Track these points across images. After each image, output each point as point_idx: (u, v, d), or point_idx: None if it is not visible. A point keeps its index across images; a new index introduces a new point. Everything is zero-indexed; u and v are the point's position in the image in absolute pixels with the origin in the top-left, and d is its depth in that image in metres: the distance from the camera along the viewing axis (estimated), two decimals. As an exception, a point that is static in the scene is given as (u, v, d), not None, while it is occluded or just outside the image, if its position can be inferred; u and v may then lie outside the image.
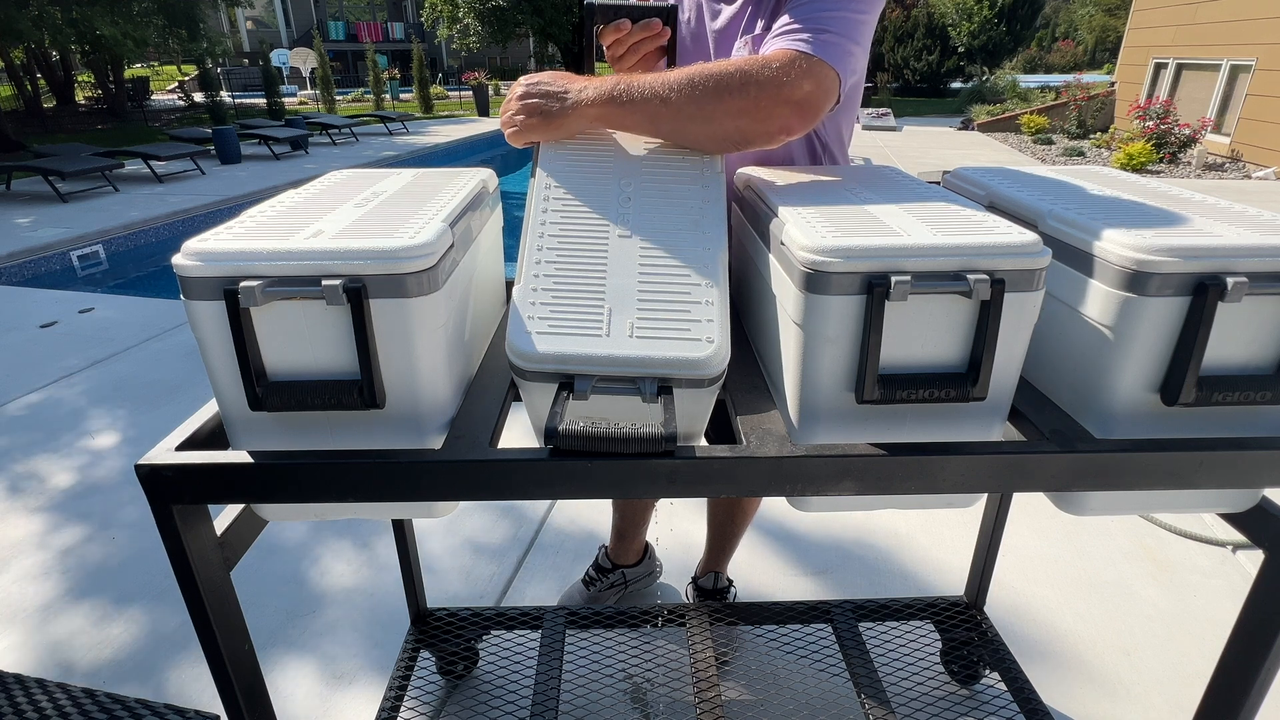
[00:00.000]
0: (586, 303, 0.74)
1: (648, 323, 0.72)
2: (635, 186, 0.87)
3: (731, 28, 1.14)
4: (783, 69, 0.87)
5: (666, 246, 0.79)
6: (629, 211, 0.83)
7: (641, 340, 0.71)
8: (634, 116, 0.89)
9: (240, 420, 0.76)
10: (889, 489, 0.75)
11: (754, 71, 0.87)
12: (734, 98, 0.86)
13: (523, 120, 0.90)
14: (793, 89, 0.87)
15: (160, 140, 11.10)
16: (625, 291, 0.74)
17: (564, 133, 0.92)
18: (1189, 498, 0.85)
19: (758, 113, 0.88)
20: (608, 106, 0.89)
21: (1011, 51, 20.76)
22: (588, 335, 0.71)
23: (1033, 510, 2.22)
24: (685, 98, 0.87)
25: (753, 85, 0.87)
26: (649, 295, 0.74)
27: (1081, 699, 1.59)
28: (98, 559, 2.09)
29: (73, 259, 5.71)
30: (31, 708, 1.00)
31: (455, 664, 1.62)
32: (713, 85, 0.86)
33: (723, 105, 0.87)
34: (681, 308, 0.73)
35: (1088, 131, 11.96)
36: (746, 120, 0.88)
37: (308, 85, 22.43)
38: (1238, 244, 0.70)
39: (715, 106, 0.87)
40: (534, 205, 0.83)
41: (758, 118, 0.88)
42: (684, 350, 0.70)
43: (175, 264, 0.69)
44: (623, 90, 0.88)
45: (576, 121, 0.91)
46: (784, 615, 1.62)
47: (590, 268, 0.77)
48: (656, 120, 0.89)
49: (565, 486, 0.73)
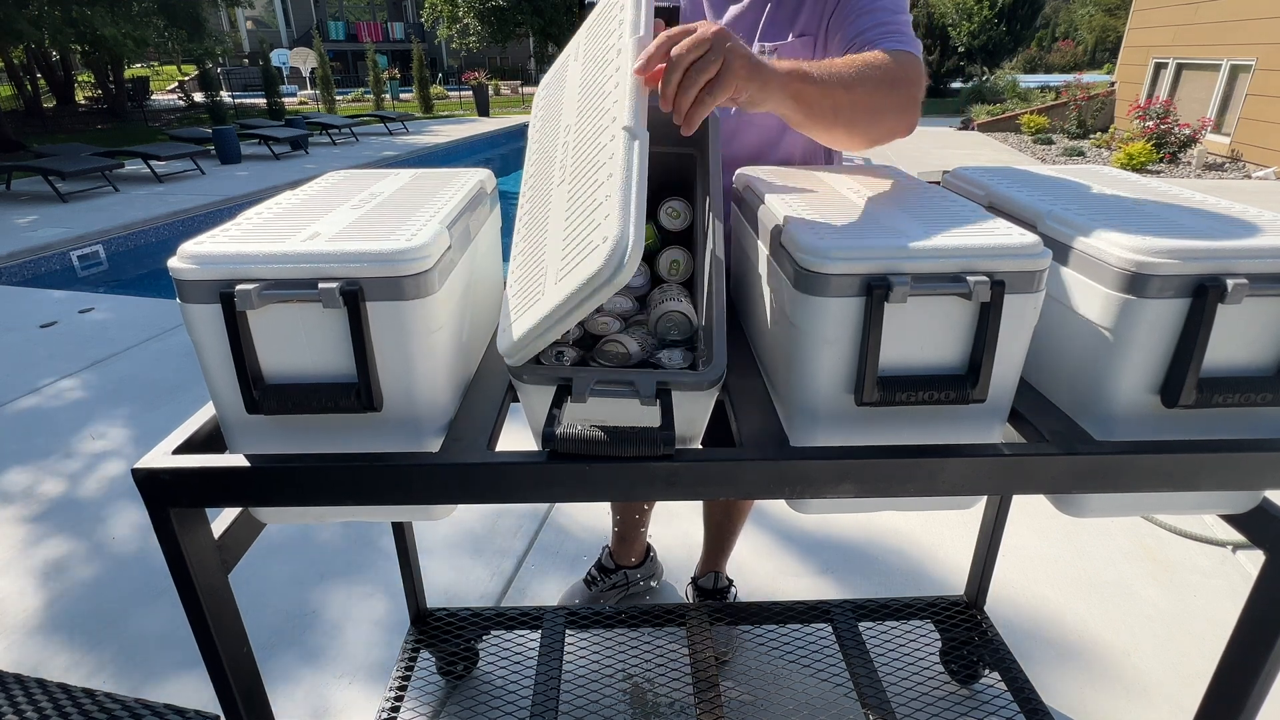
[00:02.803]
0: (534, 275, 0.71)
1: (564, 262, 0.66)
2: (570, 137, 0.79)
3: (739, 28, 1.13)
4: (915, 70, 0.92)
5: (580, 171, 0.72)
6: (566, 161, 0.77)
7: (559, 285, 0.65)
8: (825, 98, 0.81)
9: (237, 423, 0.76)
10: (888, 491, 0.75)
11: (905, 70, 0.90)
12: (898, 93, 0.89)
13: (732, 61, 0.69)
14: (920, 90, 0.92)
15: (160, 140, 11.09)
16: (554, 240, 0.70)
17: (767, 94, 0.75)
18: (1189, 499, 0.85)
19: (907, 109, 0.91)
20: (805, 82, 0.79)
21: (1011, 51, 20.73)
22: (532, 308, 0.68)
23: (1033, 510, 2.22)
24: (862, 87, 0.85)
25: (905, 83, 0.90)
26: (564, 231, 0.69)
27: (1082, 699, 1.59)
28: (98, 559, 2.08)
29: (73, 259, 5.70)
30: (31, 708, 1.00)
31: (455, 664, 1.62)
32: (882, 79, 0.87)
33: (889, 101, 0.88)
34: (587, 224, 0.65)
35: (1088, 131, 11.95)
36: (904, 117, 0.91)
37: (308, 85, 22.42)
38: (1238, 245, 0.70)
39: (884, 101, 0.88)
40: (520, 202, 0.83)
41: (907, 113, 0.91)
42: (585, 271, 0.62)
43: (171, 267, 0.68)
44: (809, 69, 0.80)
45: (780, 88, 0.76)
46: (784, 615, 1.62)
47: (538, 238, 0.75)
48: (838, 108, 0.83)
49: (564, 489, 0.73)
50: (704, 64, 0.68)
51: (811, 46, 1.09)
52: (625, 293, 0.96)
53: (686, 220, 1.01)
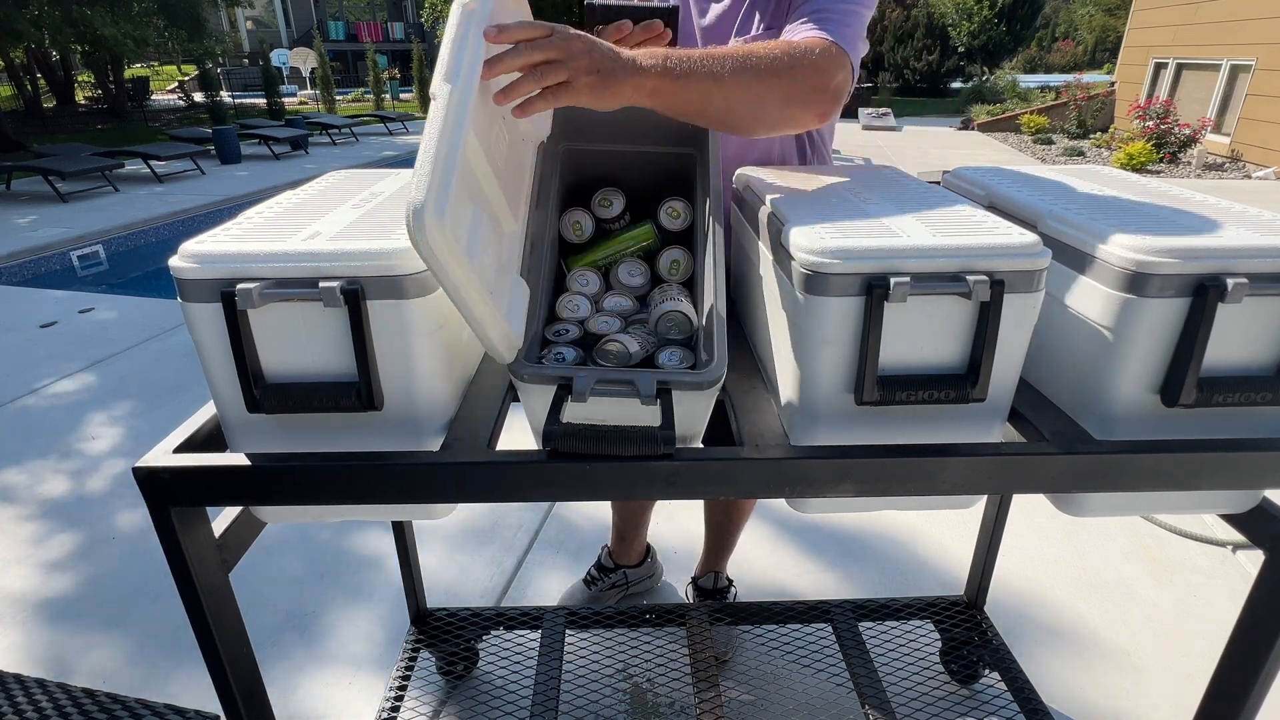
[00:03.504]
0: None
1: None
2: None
3: (722, 25, 1.14)
4: (823, 57, 0.87)
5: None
6: None
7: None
8: (687, 92, 0.81)
9: (238, 422, 0.76)
10: (888, 490, 0.75)
11: (800, 57, 0.85)
12: (784, 83, 0.85)
13: (577, 78, 0.73)
14: (830, 78, 0.88)
15: (160, 140, 11.09)
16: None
17: (616, 102, 0.78)
18: (1189, 499, 0.85)
19: (804, 100, 0.87)
20: (664, 79, 0.78)
21: (1011, 51, 20.76)
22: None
23: (1033, 510, 2.22)
24: (737, 78, 0.82)
25: (800, 71, 0.85)
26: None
27: (1082, 699, 1.59)
28: (98, 559, 2.08)
29: (73, 259, 5.70)
30: (31, 708, 1.00)
31: (455, 664, 1.62)
32: (764, 68, 0.83)
33: (772, 90, 0.85)
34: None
35: (1088, 131, 11.95)
36: (794, 108, 0.88)
37: (308, 85, 22.41)
38: (1238, 245, 0.70)
39: (765, 90, 0.85)
40: None
41: (804, 104, 0.88)
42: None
43: (172, 266, 0.68)
44: (675, 64, 0.79)
45: (632, 90, 0.78)
46: (784, 615, 1.62)
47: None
48: (708, 99, 0.82)
49: (564, 488, 0.73)
50: (540, 74, 0.71)
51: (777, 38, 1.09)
52: (625, 293, 0.96)
53: (686, 220, 1.01)
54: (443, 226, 0.57)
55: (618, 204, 1.03)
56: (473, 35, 0.67)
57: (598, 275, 0.97)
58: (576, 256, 1.01)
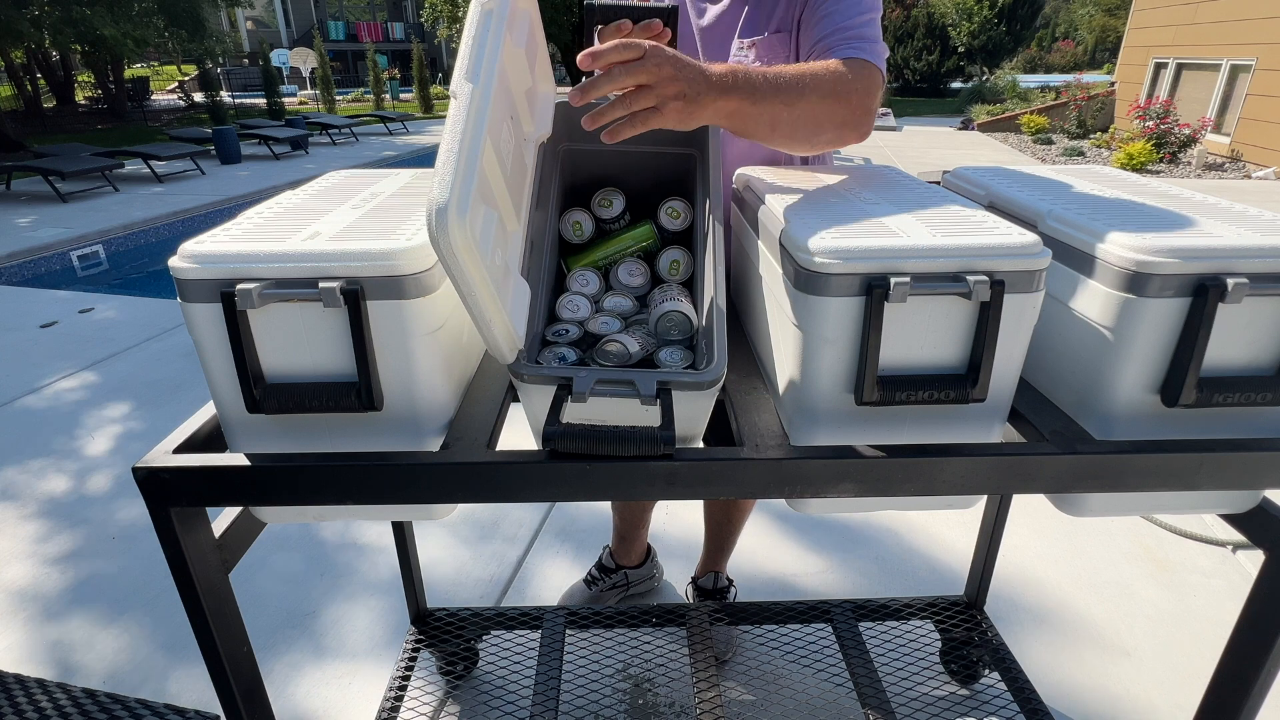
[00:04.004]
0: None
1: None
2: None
3: (720, 26, 1.14)
4: (870, 80, 0.91)
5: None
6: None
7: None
8: (759, 114, 0.81)
9: (238, 423, 0.76)
10: (888, 491, 0.75)
11: (853, 82, 0.88)
12: (841, 107, 0.88)
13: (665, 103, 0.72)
14: (873, 99, 0.91)
15: (160, 140, 11.10)
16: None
17: (698, 124, 0.77)
18: (1189, 499, 0.85)
19: (855, 122, 0.90)
20: (744, 102, 0.78)
21: (1011, 51, 20.77)
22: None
23: (1033, 510, 2.22)
24: (804, 102, 0.84)
25: (855, 96, 0.88)
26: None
27: (1082, 699, 1.59)
28: (97, 559, 2.08)
29: (73, 259, 5.71)
30: (31, 708, 1.00)
31: (455, 664, 1.62)
32: (826, 92, 0.86)
33: (832, 114, 0.88)
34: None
35: (1088, 131, 11.95)
36: (847, 129, 0.90)
37: (308, 85, 22.41)
38: (1238, 245, 0.70)
39: (825, 114, 0.87)
40: None
41: (854, 126, 0.90)
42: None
43: (172, 266, 0.68)
44: (752, 85, 0.78)
45: (713, 113, 0.76)
46: (784, 615, 1.62)
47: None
48: (777, 120, 0.83)
49: (564, 489, 0.73)
50: (627, 103, 0.72)
51: (787, 42, 1.10)
52: (625, 293, 0.96)
53: (686, 220, 1.01)
54: (464, 227, 0.57)
55: (618, 204, 1.03)
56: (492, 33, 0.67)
57: (598, 275, 0.97)
58: (576, 256, 1.01)
